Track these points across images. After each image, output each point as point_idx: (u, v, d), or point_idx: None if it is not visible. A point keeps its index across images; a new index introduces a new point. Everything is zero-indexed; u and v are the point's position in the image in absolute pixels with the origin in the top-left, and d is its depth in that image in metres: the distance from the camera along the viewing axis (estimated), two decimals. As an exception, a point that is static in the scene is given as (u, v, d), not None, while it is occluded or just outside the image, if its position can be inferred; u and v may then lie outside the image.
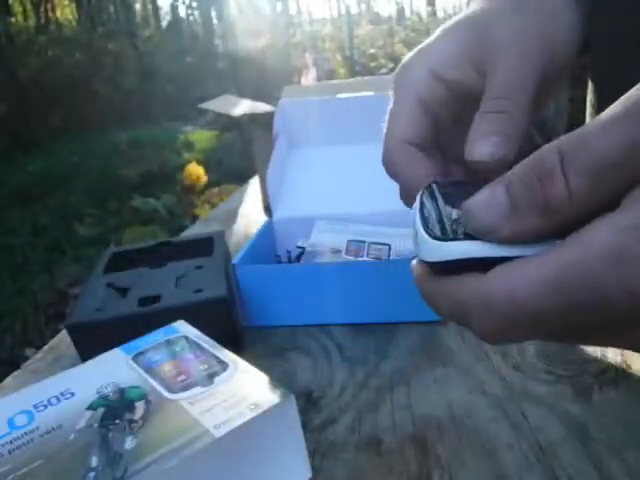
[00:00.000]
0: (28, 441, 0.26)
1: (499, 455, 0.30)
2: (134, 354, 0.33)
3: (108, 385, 0.30)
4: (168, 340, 0.34)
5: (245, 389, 0.28)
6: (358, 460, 0.31)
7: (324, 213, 0.58)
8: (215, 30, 8.38)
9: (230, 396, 0.28)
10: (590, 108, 0.38)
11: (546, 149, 0.18)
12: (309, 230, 0.56)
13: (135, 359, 0.33)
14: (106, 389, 0.30)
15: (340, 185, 0.61)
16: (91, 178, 4.06)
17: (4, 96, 5.60)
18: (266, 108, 0.82)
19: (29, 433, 0.27)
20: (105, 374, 0.31)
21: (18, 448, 0.26)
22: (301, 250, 0.54)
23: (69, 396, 0.30)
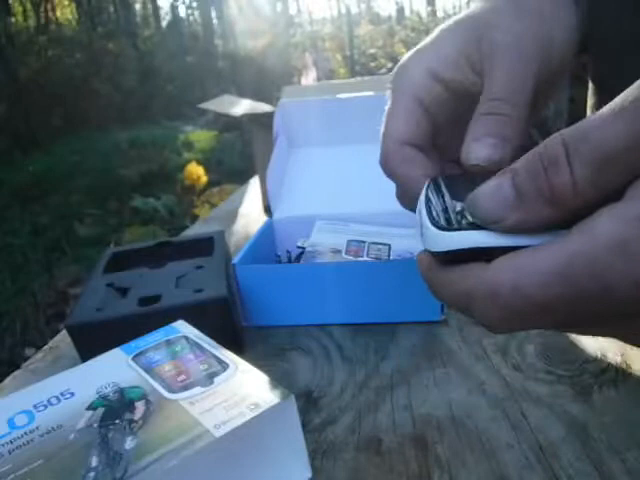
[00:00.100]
0: (28, 441, 0.26)
1: (499, 455, 0.30)
2: (134, 354, 0.33)
3: (108, 385, 0.30)
4: (168, 340, 0.34)
5: (245, 389, 0.28)
6: (358, 460, 0.31)
7: (324, 213, 0.58)
8: (215, 30, 8.38)
9: (230, 396, 0.28)
10: (589, 111, 0.38)
11: (551, 140, 0.18)
12: (309, 230, 0.56)
13: (135, 359, 0.33)
14: (106, 389, 0.30)
15: (340, 185, 0.61)
16: (91, 178, 4.06)
17: (4, 96, 5.60)
18: (266, 108, 0.82)
19: (29, 433, 0.27)
20: (105, 374, 0.31)
21: (18, 448, 0.26)
22: (301, 250, 0.54)
23: (69, 396, 0.30)
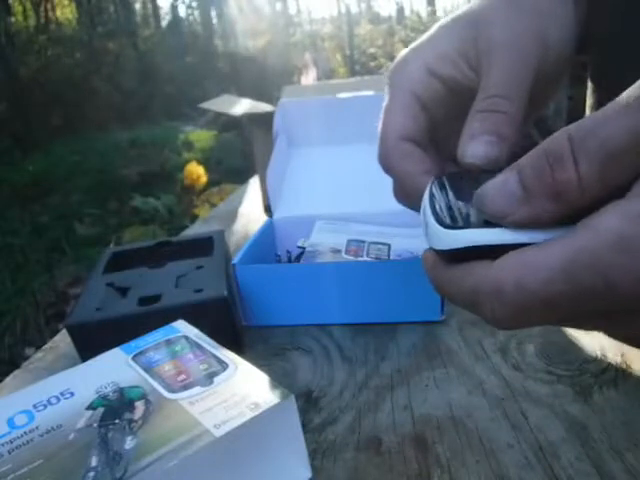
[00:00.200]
0: (28, 441, 0.26)
1: (499, 455, 0.30)
2: (134, 354, 0.33)
3: (108, 385, 0.30)
4: (168, 340, 0.34)
5: (245, 389, 0.28)
6: (358, 460, 0.31)
7: (324, 213, 0.58)
8: (215, 30, 8.38)
9: (230, 396, 0.28)
10: (589, 110, 0.38)
11: (556, 137, 0.18)
12: (309, 230, 0.56)
13: (135, 359, 0.33)
14: (106, 389, 0.30)
15: (340, 185, 0.61)
16: (91, 178, 4.06)
17: (4, 96, 5.60)
18: (266, 108, 0.82)
19: (29, 433, 0.27)
20: (105, 374, 0.31)
21: (18, 448, 0.26)
22: (301, 250, 0.54)
23: (69, 396, 0.30)
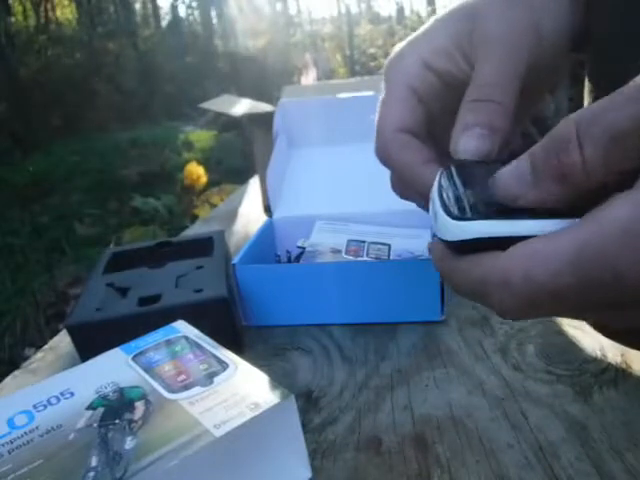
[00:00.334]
0: (28, 441, 0.26)
1: (499, 455, 0.30)
2: (134, 354, 0.33)
3: (108, 385, 0.30)
4: (168, 340, 0.34)
5: (245, 389, 0.28)
6: (358, 460, 0.31)
7: (324, 213, 0.58)
8: (215, 30, 8.38)
9: (230, 396, 0.28)
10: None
11: (563, 122, 0.19)
12: (309, 230, 0.56)
13: (135, 359, 0.33)
14: (106, 389, 0.30)
15: (340, 185, 0.61)
16: (91, 178, 4.06)
17: (4, 96, 5.60)
18: (266, 108, 0.82)
19: (29, 433, 0.27)
20: (105, 374, 0.31)
21: (18, 448, 0.26)
22: (301, 250, 0.54)
23: (69, 396, 0.30)
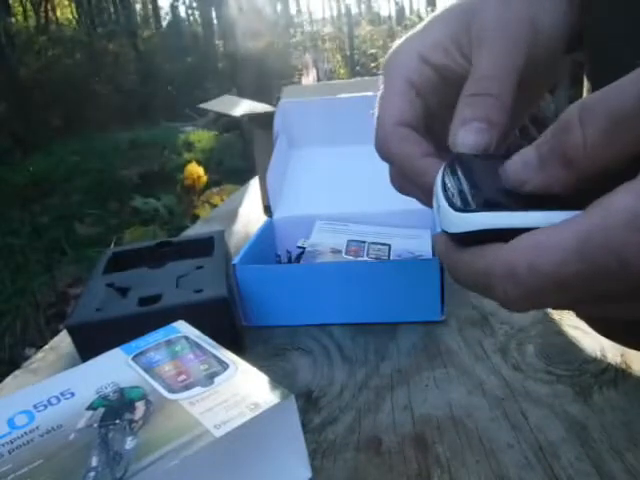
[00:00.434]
0: (28, 441, 0.26)
1: (499, 455, 0.30)
2: (134, 354, 0.33)
3: (108, 385, 0.30)
4: (168, 340, 0.34)
5: (245, 389, 0.28)
6: (358, 460, 0.31)
7: (324, 213, 0.58)
8: (215, 30, 8.38)
9: (230, 396, 0.28)
10: None
11: (569, 107, 0.19)
12: (309, 230, 0.56)
13: (135, 359, 0.33)
14: (106, 389, 0.30)
15: (340, 185, 0.61)
16: (91, 178, 4.06)
17: (4, 96, 5.60)
18: (266, 108, 0.82)
19: (29, 433, 0.27)
20: (105, 374, 0.31)
21: (18, 448, 0.26)
22: (301, 250, 0.54)
23: (69, 396, 0.30)
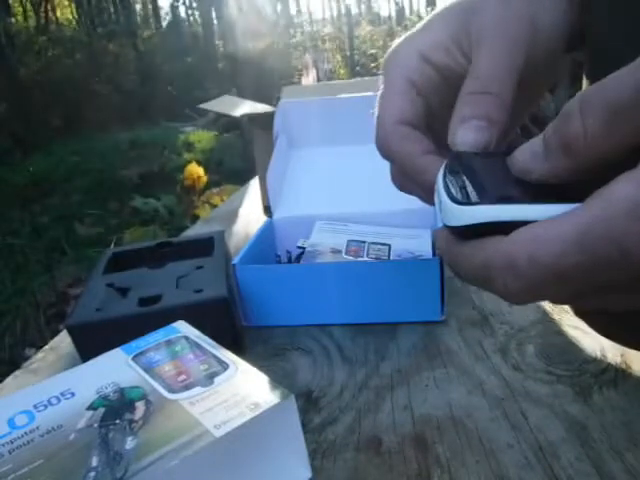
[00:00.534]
0: (28, 441, 0.26)
1: (499, 455, 0.30)
2: (134, 354, 0.33)
3: (108, 385, 0.30)
4: (168, 340, 0.34)
5: (245, 389, 0.28)
6: (358, 460, 0.31)
7: (324, 213, 0.58)
8: (215, 30, 8.38)
9: (230, 396, 0.28)
10: None
11: (573, 98, 0.19)
12: (309, 230, 0.56)
13: (135, 359, 0.33)
14: (106, 389, 0.30)
15: (340, 185, 0.61)
16: (91, 178, 4.06)
17: (4, 96, 5.60)
18: (266, 108, 0.82)
19: (29, 433, 0.27)
20: (105, 374, 0.31)
21: (18, 448, 0.26)
22: (301, 250, 0.54)
23: (69, 396, 0.30)
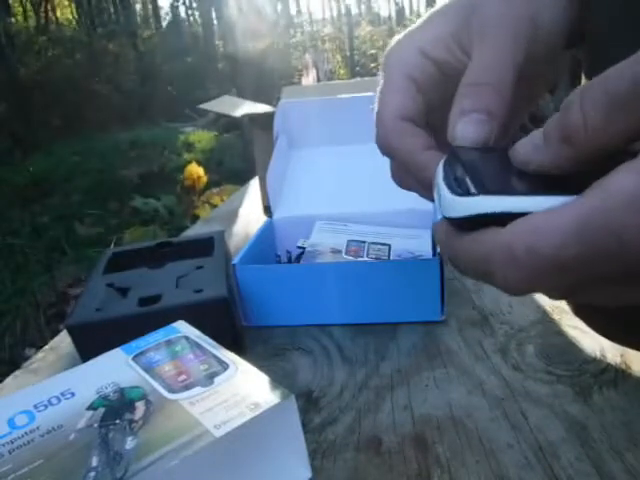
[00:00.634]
0: (28, 441, 0.26)
1: (499, 455, 0.30)
2: (134, 354, 0.33)
3: (108, 385, 0.30)
4: (168, 340, 0.34)
5: (245, 389, 0.28)
6: (358, 460, 0.31)
7: (324, 213, 0.58)
8: (215, 31, 8.37)
9: (230, 396, 0.28)
10: None
11: (574, 90, 0.19)
12: (309, 230, 0.56)
13: (135, 359, 0.33)
14: (106, 389, 0.30)
15: (340, 185, 0.61)
16: (91, 178, 4.06)
17: (4, 96, 5.60)
18: (266, 109, 0.82)
19: (29, 433, 0.27)
20: (105, 374, 0.31)
21: (18, 448, 0.26)
22: (301, 250, 0.54)
23: (69, 396, 0.30)
